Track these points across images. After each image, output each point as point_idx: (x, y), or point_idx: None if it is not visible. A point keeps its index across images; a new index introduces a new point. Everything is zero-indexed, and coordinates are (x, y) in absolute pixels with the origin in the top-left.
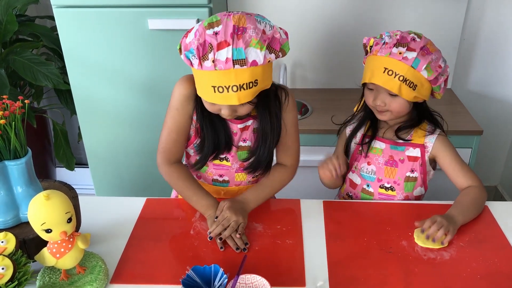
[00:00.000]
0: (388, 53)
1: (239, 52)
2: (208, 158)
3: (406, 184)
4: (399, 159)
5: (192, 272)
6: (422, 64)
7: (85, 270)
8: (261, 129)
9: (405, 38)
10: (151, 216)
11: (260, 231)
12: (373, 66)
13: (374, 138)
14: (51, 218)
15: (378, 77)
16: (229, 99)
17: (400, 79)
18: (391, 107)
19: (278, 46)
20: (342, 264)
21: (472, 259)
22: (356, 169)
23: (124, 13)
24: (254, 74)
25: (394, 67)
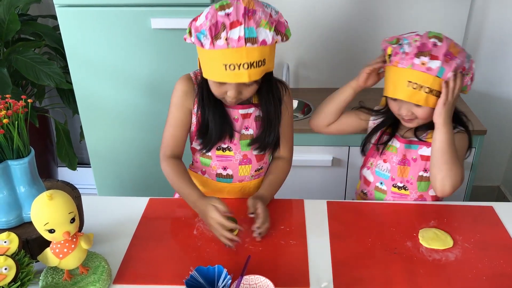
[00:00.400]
0: (410, 65)
1: (251, 31)
2: (212, 142)
3: (420, 183)
4: (411, 158)
5: (195, 272)
6: (447, 72)
7: (88, 270)
8: (265, 112)
9: (425, 45)
10: (154, 216)
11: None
12: (395, 79)
13: (393, 136)
14: (54, 218)
15: (402, 91)
16: (240, 77)
17: (426, 91)
18: (418, 116)
19: (283, 29)
20: (347, 264)
21: (478, 260)
22: (372, 166)
23: (126, 12)
24: (263, 53)
25: (418, 79)
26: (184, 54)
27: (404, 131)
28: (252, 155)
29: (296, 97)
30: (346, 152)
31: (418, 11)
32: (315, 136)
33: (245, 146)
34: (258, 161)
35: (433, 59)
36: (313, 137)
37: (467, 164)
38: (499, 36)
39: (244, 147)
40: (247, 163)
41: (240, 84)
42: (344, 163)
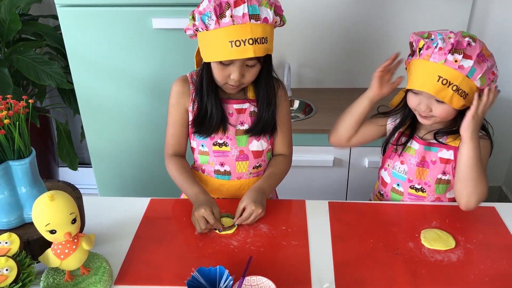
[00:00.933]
0: (443, 60)
1: (254, 8)
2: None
3: (438, 186)
4: (431, 160)
5: (197, 273)
6: (477, 73)
7: (89, 271)
8: (264, 92)
9: (460, 43)
10: (155, 216)
11: (266, 232)
12: (424, 72)
13: (411, 137)
14: (55, 219)
15: (431, 85)
16: (246, 52)
17: (453, 89)
18: (436, 113)
19: (281, 12)
20: (348, 265)
21: (480, 261)
22: (389, 167)
23: (128, 12)
24: (265, 31)
25: (449, 76)
26: (185, 54)
27: (424, 133)
28: (249, 151)
29: (297, 97)
30: (348, 153)
31: (419, 11)
32: (316, 136)
33: (241, 141)
34: (256, 158)
35: (466, 58)
36: (314, 137)
37: None
38: (500, 36)
39: (240, 142)
40: (244, 159)
41: (243, 66)
42: (345, 164)
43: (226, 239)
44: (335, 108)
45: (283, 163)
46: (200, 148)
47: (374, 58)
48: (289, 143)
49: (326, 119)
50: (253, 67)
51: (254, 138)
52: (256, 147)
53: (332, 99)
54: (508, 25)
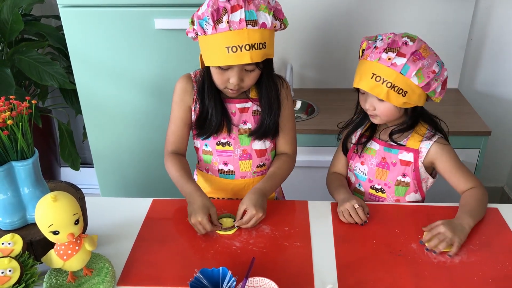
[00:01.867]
0: (377, 58)
1: (251, 13)
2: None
3: (397, 188)
4: (391, 161)
5: (200, 274)
6: (412, 70)
7: (92, 272)
8: (266, 97)
9: (396, 42)
10: (157, 217)
11: (268, 233)
12: (362, 70)
13: (371, 138)
14: (58, 220)
15: (366, 82)
16: (242, 58)
17: (388, 86)
18: (379, 111)
19: (281, 15)
20: (351, 267)
21: (483, 262)
22: (351, 167)
23: (130, 12)
24: (264, 36)
25: (382, 73)
26: (187, 55)
27: (379, 133)
28: (252, 150)
29: (300, 98)
30: None
31: (422, 11)
32: (319, 137)
33: (244, 141)
34: (259, 157)
35: (400, 56)
36: (317, 138)
37: (471, 166)
38: (503, 36)
39: (243, 141)
40: (247, 158)
41: (242, 71)
42: None
43: (228, 240)
44: (337, 109)
45: (286, 163)
46: (204, 147)
47: None
48: (293, 142)
49: (328, 120)
50: (252, 72)
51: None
52: (259, 146)
53: (334, 99)
54: (511, 26)
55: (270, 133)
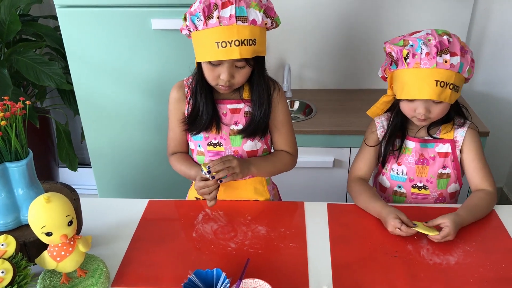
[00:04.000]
0: (435, 64)
1: (241, 10)
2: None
3: (439, 181)
4: (429, 156)
5: (194, 276)
6: (465, 66)
7: (86, 273)
8: (257, 94)
9: (443, 43)
10: (153, 218)
11: (264, 234)
12: (419, 80)
13: (405, 138)
14: (51, 221)
15: (431, 91)
16: (231, 53)
17: (450, 88)
18: (434, 114)
19: (272, 14)
20: (347, 268)
21: (479, 264)
22: (387, 171)
23: (127, 13)
24: (254, 33)
25: (444, 77)
26: (184, 55)
27: (416, 131)
28: (243, 151)
29: (297, 98)
30: (348, 154)
31: (420, 12)
32: (316, 137)
33: (235, 141)
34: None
35: (453, 55)
36: (314, 138)
37: None
38: (502, 37)
39: (235, 142)
40: (241, 137)
41: (232, 67)
42: (345, 165)
43: (224, 242)
44: (335, 109)
45: (283, 157)
46: (198, 148)
47: (375, 59)
48: (291, 143)
49: (326, 120)
50: (242, 68)
51: (248, 138)
52: (250, 147)
53: (332, 100)
54: (509, 26)
55: (260, 130)
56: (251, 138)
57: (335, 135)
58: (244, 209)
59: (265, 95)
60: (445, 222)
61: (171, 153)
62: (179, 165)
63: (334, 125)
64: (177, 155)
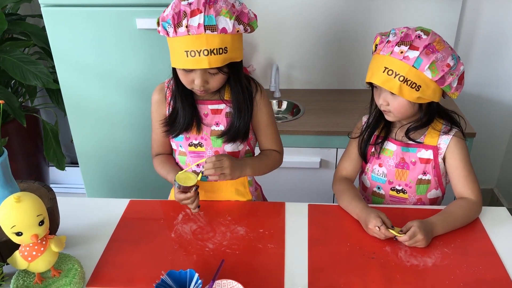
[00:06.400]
0: (390, 52)
1: (210, 18)
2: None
3: (418, 186)
4: (410, 161)
5: (166, 276)
6: (425, 63)
7: (60, 273)
8: (235, 100)
9: (409, 36)
10: (133, 217)
11: (242, 234)
12: (374, 65)
13: (386, 139)
14: (21, 221)
15: (378, 76)
16: (200, 63)
17: (400, 80)
18: (392, 107)
19: (246, 19)
20: (323, 269)
21: (456, 265)
22: (368, 171)
23: (112, 12)
24: (224, 41)
25: (394, 66)
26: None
27: (395, 133)
28: (224, 151)
29: (285, 98)
30: (334, 154)
31: (409, 11)
32: (303, 137)
33: (216, 142)
34: None
35: (412, 49)
36: (301, 138)
37: None
38: (491, 37)
39: (215, 143)
40: (222, 142)
41: (205, 73)
42: (332, 165)
43: (202, 242)
44: (323, 109)
45: (271, 153)
46: (179, 148)
47: (363, 59)
48: (278, 142)
49: (314, 120)
50: (215, 75)
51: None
52: (231, 148)
53: (320, 100)
54: (500, 27)
55: (240, 135)
56: (232, 142)
57: (323, 136)
58: (225, 210)
59: (243, 100)
60: (412, 223)
61: (154, 155)
62: (160, 168)
63: (322, 125)
64: (158, 158)
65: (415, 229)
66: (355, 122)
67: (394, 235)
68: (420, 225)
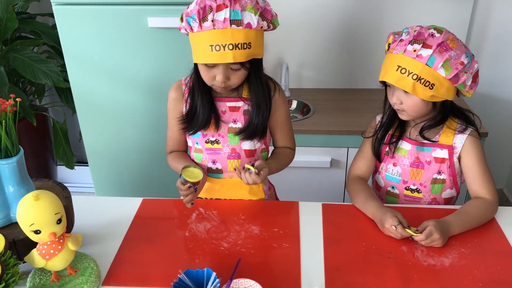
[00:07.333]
0: (403, 50)
1: (236, 13)
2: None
3: (433, 186)
4: (425, 160)
5: (184, 275)
6: (438, 61)
7: (76, 271)
8: (254, 96)
9: (422, 34)
10: (146, 216)
11: (257, 233)
12: (387, 64)
13: (401, 138)
14: (40, 219)
15: (391, 75)
16: (225, 57)
17: (413, 78)
18: (406, 106)
19: (269, 16)
20: (340, 269)
21: (474, 266)
22: (382, 170)
23: (123, 11)
24: (248, 37)
25: (407, 65)
26: (181, 53)
27: (409, 132)
28: (241, 149)
29: (295, 98)
30: (345, 154)
31: (420, 11)
32: (313, 137)
33: (233, 139)
34: (248, 157)
35: (426, 47)
36: (311, 138)
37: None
38: (502, 36)
39: (232, 140)
40: (235, 157)
41: (227, 69)
42: (343, 165)
43: (216, 241)
44: (333, 109)
45: (286, 151)
46: (195, 146)
47: (373, 58)
48: (292, 139)
49: (324, 120)
50: (238, 71)
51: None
52: (248, 146)
53: (330, 99)
54: (510, 26)
55: (258, 133)
56: (249, 139)
57: (333, 135)
58: (238, 209)
59: (262, 97)
60: (428, 222)
61: (169, 152)
62: (174, 163)
63: (332, 125)
64: (173, 153)
65: (431, 228)
66: (366, 122)
67: (411, 234)
68: (436, 224)
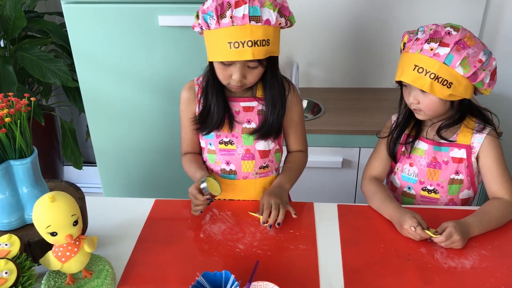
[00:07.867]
0: (419, 49)
1: (255, 9)
2: (213, 125)
3: (451, 186)
4: (442, 160)
5: (202, 278)
6: (456, 60)
7: (91, 274)
8: (270, 95)
9: (438, 32)
10: (160, 217)
11: (273, 235)
12: (404, 63)
13: (417, 138)
14: (56, 221)
15: (408, 74)
16: (244, 54)
17: (431, 77)
18: (423, 105)
19: (287, 13)
20: (359, 271)
21: (496, 268)
22: (398, 171)
23: (133, 9)
24: (267, 33)
25: (424, 64)
26: (191, 52)
27: (426, 131)
28: (255, 150)
29: (306, 97)
30: (357, 154)
31: (432, 9)
32: (324, 137)
33: (247, 140)
34: (262, 158)
35: (443, 45)
36: (322, 138)
37: None
38: None
39: (247, 141)
40: (249, 158)
41: (244, 67)
42: (354, 165)
43: (232, 243)
44: (344, 108)
45: (299, 158)
46: (209, 147)
47: (384, 57)
48: (304, 141)
49: (335, 119)
50: (255, 69)
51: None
52: (262, 146)
53: (341, 99)
54: None
55: (273, 132)
56: (264, 139)
57: (344, 135)
58: (253, 210)
59: (278, 96)
60: (448, 224)
61: (183, 153)
62: (187, 166)
63: (343, 124)
64: (187, 156)
65: (451, 229)
66: (377, 121)
67: (430, 236)
68: (456, 225)
